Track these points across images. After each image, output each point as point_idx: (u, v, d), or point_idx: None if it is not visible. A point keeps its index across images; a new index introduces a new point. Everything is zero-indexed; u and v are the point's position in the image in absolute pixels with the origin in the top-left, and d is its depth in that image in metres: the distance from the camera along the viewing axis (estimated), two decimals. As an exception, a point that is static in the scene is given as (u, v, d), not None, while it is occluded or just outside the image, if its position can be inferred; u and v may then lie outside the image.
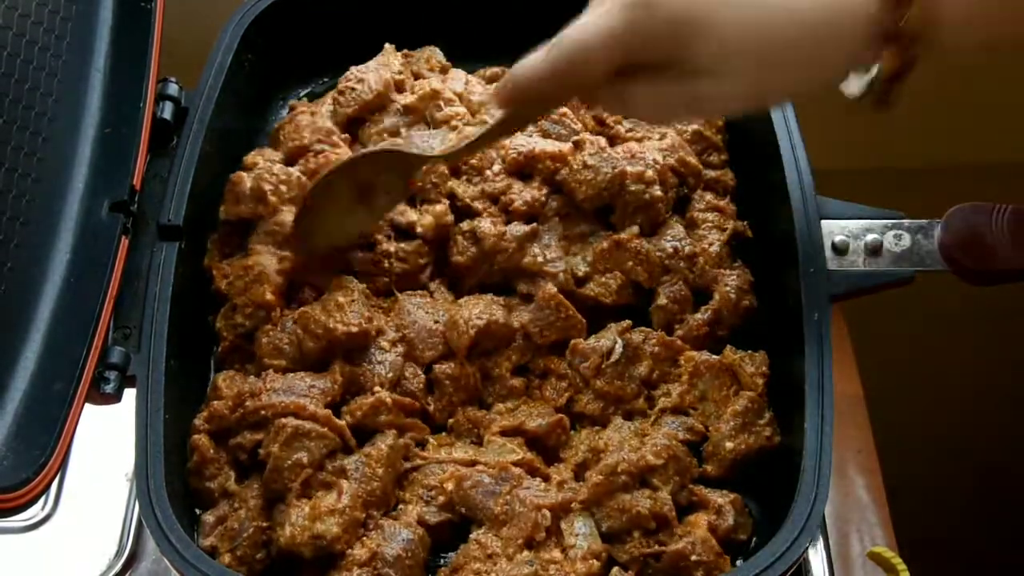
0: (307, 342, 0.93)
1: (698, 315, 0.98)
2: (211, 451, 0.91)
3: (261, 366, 0.95)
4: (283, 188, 0.99)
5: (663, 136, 1.04)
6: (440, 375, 0.95)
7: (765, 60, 0.72)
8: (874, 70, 0.72)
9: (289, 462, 0.88)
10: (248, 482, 0.91)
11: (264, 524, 0.88)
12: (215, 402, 0.92)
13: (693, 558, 0.84)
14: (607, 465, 0.88)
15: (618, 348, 0.95)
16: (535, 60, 0.78)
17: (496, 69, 1.12)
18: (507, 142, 1.02)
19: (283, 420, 0.89)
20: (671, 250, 0.99)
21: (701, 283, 0.99)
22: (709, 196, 1.04)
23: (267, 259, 0.97)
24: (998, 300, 1.17)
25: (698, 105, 0.77)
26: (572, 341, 0.95)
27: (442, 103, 1.05)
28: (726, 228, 1.02)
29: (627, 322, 0.97)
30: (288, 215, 0.99)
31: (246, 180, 1.00)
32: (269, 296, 0.96)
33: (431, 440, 0.94)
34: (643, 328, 0.97)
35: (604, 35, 0.74)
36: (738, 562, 0.88)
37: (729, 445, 0.91)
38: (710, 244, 1.00)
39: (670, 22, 0.71)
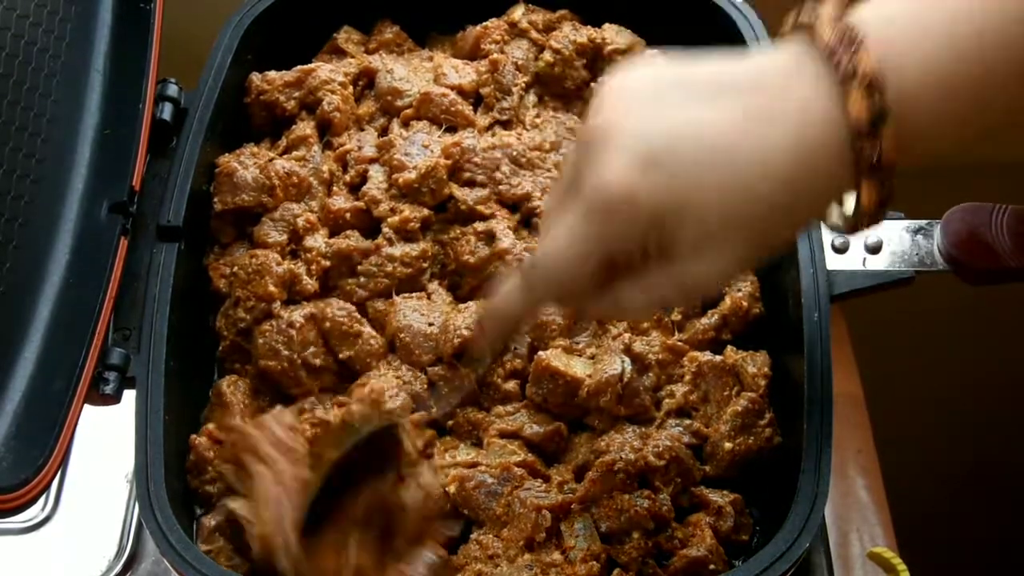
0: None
1: (704, 320, 0.97)
2: (210, 452, 0.91)
3: (258, 368, 0.95)
4: (292, 179, 1.00)
5: None
6: (433, 377, 0.95)
7: (746, 226, 0.66)
8: (851, 202, 0.66)
9: (289, 463, 0.88)
10: (248, 484, 0.90)
11: (264, 525, 0.88)
12: (200, 439, 0.91)
13: (711, 567, 0.84)
14: (604, 462, 0.87)
15: (628, 370, 0.92)
16: (511, 297, 0.73)
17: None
18: None
19: None
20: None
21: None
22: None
23: (271, 251, 0.97)
24: (998, 300, 1.17)
25: (689, 287, 0.69)
26: (581, 388, 0.92)
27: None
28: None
29: (627, 337, 0.95)
30: (295, 205, 0.99)
31: (239, 169, 1.00)
32: (271, 288, 0.95)
33: (436, 444, 0.93)
34: (644, 336, 0.96)
35: (583, 254, 0.67)
36: (738, 562, 0.88)
37: (728, 446, 0.90)
38: None
39: (652, 216, 0.65)
